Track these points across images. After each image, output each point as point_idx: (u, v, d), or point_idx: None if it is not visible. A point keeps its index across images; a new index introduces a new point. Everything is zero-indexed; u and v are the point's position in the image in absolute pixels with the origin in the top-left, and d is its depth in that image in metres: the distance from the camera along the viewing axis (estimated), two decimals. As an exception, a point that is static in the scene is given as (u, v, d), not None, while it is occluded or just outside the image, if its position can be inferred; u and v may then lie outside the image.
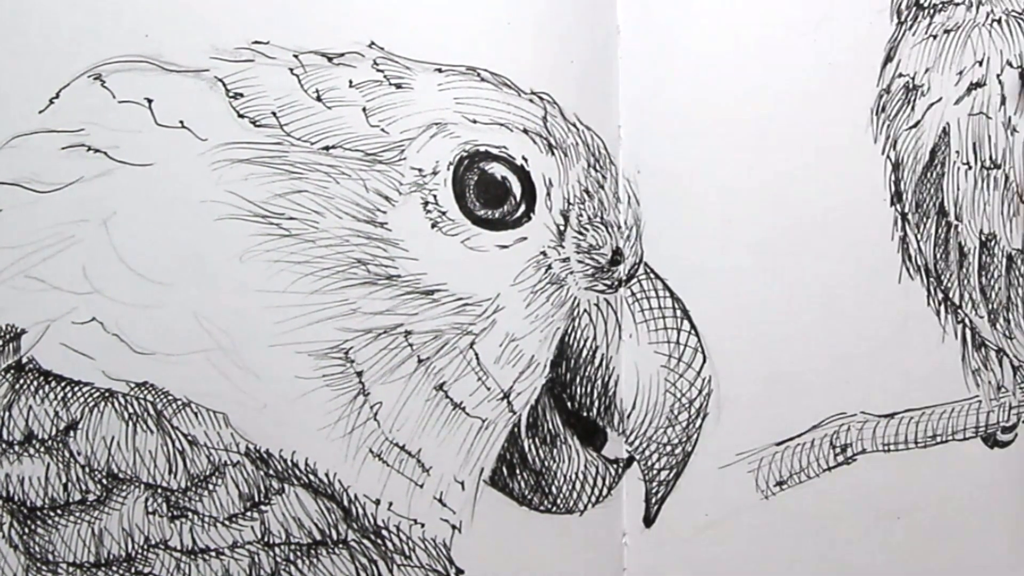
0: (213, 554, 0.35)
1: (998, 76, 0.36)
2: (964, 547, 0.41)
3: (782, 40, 0.38)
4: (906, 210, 0.38)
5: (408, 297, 0.36)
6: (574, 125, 0.37)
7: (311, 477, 0.35)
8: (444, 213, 0.36)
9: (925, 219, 0.38)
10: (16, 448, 0.34)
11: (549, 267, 0.37)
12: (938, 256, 0.38)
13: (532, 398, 0.37)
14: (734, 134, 0.37)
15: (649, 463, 0.39)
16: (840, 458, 0.40)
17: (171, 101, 0.35)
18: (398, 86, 0.36)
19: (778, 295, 0.39)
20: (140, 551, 0.35)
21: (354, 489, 0.36)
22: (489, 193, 0.36)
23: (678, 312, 0.39)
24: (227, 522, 0.35)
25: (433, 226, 0.36)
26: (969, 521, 0.41)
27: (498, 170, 0.36)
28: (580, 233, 0.37)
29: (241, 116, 0.35)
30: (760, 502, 0.40)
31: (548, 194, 0.37)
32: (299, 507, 0.35)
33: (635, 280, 0.38)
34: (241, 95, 0.35)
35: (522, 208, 0.36)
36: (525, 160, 0.36)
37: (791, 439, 0.40)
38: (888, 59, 0.38)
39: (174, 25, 0.35)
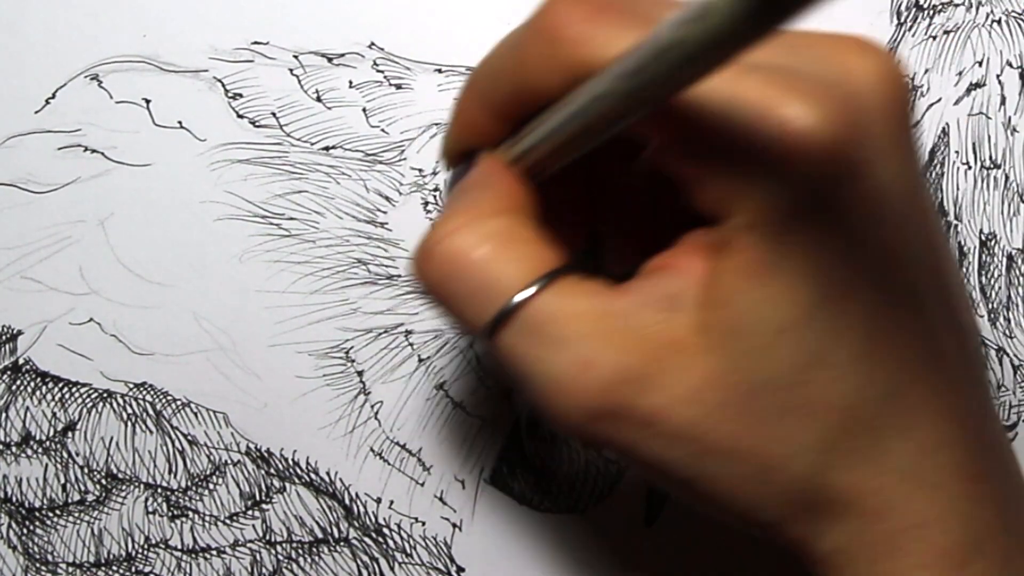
0: (214, 552, 0.35)
1: (998, 76, 0.36)
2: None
3: (783, 40, 0.38)
4: (905, 209, 0.38)
5: (408, 297, 0.36)
6: (575, 125, 0.37)
7: (312, 476, 0.35)
8: (445, 213, 0.36)
9: (924, 218, 0.38)
10: (14, 449, 0.34)
11: (550, 267, 0.37)
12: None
13: (533, 398, 0.37)
14: (735, 134, 0.37)
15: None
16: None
17: (169, 101, 0.35)
18: (398, 86, 0.36)
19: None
20: (140, 550, 0.35)
21: (355, 488, 0.36)
22: (489, 193, 0.36)
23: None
24: (228, 521, 0.35)
25: (434, 226, 0.36)
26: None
27: (499, 170, 0.36)
28: (581, 233, 0.37)
29: (240, 116, 0.35)
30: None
31: (549, 194, 0.37)
32: (300, 505, 0.35)
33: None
34: (240, 95, 0.35)
35: (523, 208, 0.36)
36: (526, 160, 0.36)
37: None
38: (888, 59, 0.38)
39: (172, 25, 0.35)
